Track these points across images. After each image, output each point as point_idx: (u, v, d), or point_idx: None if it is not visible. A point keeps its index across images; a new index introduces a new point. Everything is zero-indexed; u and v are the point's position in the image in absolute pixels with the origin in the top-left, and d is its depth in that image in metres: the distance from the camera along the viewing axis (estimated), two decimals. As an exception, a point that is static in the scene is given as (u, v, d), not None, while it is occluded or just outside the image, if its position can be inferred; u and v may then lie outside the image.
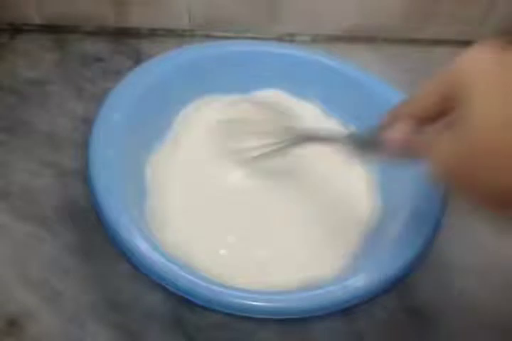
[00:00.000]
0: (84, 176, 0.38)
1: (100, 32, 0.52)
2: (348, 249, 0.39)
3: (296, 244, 0.35)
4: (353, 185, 0.43)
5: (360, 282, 0.35)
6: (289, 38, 0.54)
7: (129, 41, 0.52)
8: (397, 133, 0.30)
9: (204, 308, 0.34)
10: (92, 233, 0.39)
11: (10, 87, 0.47)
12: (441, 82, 0.28)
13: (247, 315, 0.34)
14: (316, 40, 0.54)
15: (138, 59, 0.50)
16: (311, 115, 0.45)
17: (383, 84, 0.44)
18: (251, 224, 0.39)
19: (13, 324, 0.35)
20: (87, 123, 0.40)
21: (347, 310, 0.35)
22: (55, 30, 0.52)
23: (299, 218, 0.41)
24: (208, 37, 0.53)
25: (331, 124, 0.45)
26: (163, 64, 0.44)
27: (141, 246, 0.35)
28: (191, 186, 0.41)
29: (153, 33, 0.53)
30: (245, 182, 0.42)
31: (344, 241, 0.40)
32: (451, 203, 0.38)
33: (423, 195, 0.39)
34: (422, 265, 0.37)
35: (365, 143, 0.34)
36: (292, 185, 0.42)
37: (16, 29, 0.51)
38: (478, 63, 0.26)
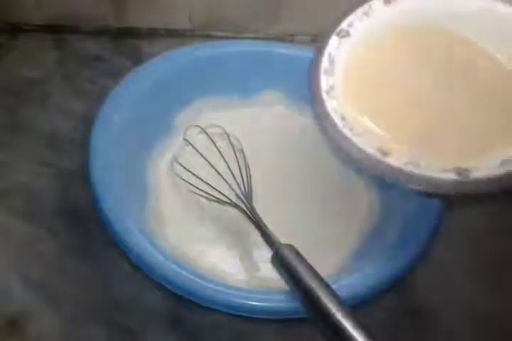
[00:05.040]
0: (84, 176, 0.38)
1: (100, 32, 0.52)
2: (348, 249, 0.39)
3: (295, 244, 0.35)
4: (352, 185, 0.43)
5: (359, 282, 0.35)
6: (289, 38, 0.54)
7: (129, 41, 0.52)
8: None
9: (204, 308, 0.34)
10: (92, 233, 0.39)
11: (10, 87, 0.47)
12: None
13: (247, 315, 0.34)
14: (316, 40, 0.54)
15: (138, 59, 0.50)
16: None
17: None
18: (251, 223, 0.39)
19: (13, 324, 0.35)
20: (87, 123, 0.40)
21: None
22: (55, 30, 0.52)
23: (298, 218, 0.41)
24: (208, 37, 0.53)
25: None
26: (163, 64, 0.44)
27: (141, 246, 0.35)
28: (191, 186, 0.41)
29: (153, 33, 0.53)
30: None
31: (343, 241, 0.40)
32: (452, 203, 0.38)
33: (423, 195, 0.39)
34: (422, 265, 0.37)
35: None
36: (291, 185, 0.43)
37: (16, 29, 0.51)
38: None
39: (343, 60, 0.35)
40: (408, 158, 0.31)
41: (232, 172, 0.40)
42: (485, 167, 0.30)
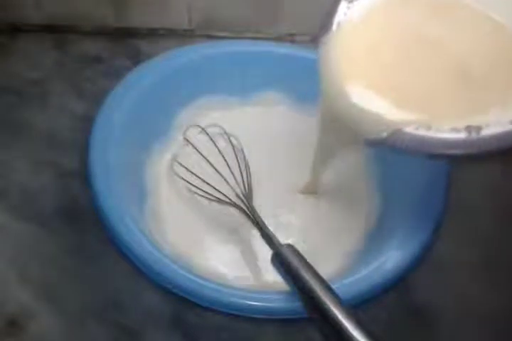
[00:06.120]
0: (84, 176, 0.38)
1: (100, 32, 0.52)
2: (348, 248, 0.40)
3: (296, 243, 0.35)
4: (353, 185, 0.43)
5: (360, 282, 0.35)
6: (289, 38, 0.53)
7: (129, 41, 0.52)
8: None
9: (204, 308, 0.34)
10: (92, 233, 0.39)
11: (10, 87, 0.47)
12: None
13: (247, 315, 0.34)
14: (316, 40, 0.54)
15: (138, 59, 0.50)
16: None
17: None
18: (251, 223, 0.39)
19: (13, 324, 0.35)
20: (87, 123, 0.40)
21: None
22: (55, 30, 0.52)
23: (299, 218, 0.41)
24: (208, 37, 0.53)
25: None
26: (163, 64, 0.44)
27: (141, 246, 0.35)
28: (191, 186, 0.41)
29: (153, 33, 0.53)
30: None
31: (343, 241, 0.40)
32: (452, 203, 0.38)
33: (424, 194, 0.39)
34: (422, 265, 0.37)
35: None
36: (291, 185, 0.42)
37: (16, 29, 0.51)
38: None
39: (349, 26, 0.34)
40: (419, 122, 0.31)
41: (232, 172, 0.40)
42: (496, 124, 0.30)
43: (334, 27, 0.35)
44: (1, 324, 0.35)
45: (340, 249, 0.39)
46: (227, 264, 0.38)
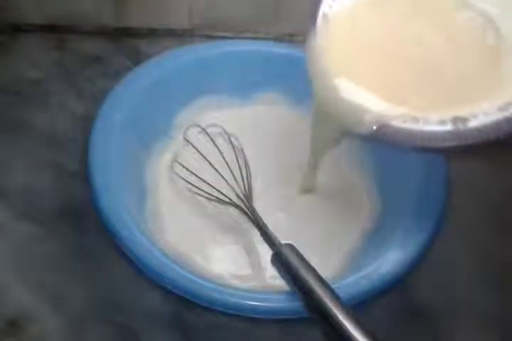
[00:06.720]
0: (84, 176, 0.38)
1: (100, 32, 0.52)
2: (348, 248, 0.40)
3: (295, 243, 0.35)
4: (353, 184, 0.43)
5: (360, 282, 0.35)
6: (289, 38, 0.53)
7: (128, 41, 0.52)
8: None
9: (204, 308, 0.34)
10: (92, 233, 0.39)
11: (10, 87, 0.47)
12: None
13: (247, 315, 0.34)
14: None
15: (138, 59, 0.50)
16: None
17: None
18: (251, 223, 0.39)
19: (13, 324, 0.35)
20: (87, 123, 0.40)
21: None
22: (55, 30, 0.52)
23: (299, 218, 0.41)
24: (208, 37, 0.53)
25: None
26: (163, 64, 0.44)
27: (141, 246, 0.35)
28: (191, 186, 0.41)
29: (153, 33, 0.53)
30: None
31: (343, 241, 0.40)
32: (452, 203, 0.38)
33: (423, 194, 0.39)
34: (422, 265, 0.37)
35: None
36: (291, 185, 0.42)
37: (16, 29, 0.51)
38: None
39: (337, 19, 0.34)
40: (406, 115, 0.31)
41: (232, 172, 0.40)
42: (482, 115, 0.30)
43: (319, 20, 0.34)
44: (1, 324, 0.35)
45: (340, 249, 0.39)
46: (227, 264, 0.38)
